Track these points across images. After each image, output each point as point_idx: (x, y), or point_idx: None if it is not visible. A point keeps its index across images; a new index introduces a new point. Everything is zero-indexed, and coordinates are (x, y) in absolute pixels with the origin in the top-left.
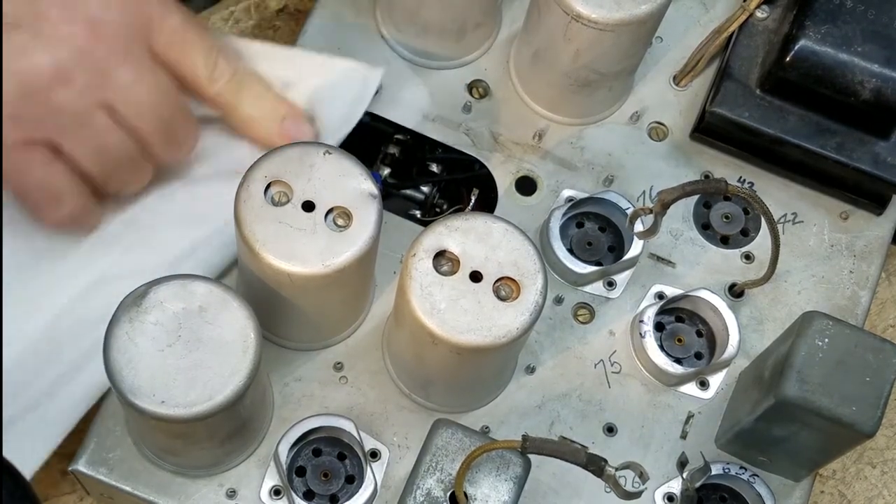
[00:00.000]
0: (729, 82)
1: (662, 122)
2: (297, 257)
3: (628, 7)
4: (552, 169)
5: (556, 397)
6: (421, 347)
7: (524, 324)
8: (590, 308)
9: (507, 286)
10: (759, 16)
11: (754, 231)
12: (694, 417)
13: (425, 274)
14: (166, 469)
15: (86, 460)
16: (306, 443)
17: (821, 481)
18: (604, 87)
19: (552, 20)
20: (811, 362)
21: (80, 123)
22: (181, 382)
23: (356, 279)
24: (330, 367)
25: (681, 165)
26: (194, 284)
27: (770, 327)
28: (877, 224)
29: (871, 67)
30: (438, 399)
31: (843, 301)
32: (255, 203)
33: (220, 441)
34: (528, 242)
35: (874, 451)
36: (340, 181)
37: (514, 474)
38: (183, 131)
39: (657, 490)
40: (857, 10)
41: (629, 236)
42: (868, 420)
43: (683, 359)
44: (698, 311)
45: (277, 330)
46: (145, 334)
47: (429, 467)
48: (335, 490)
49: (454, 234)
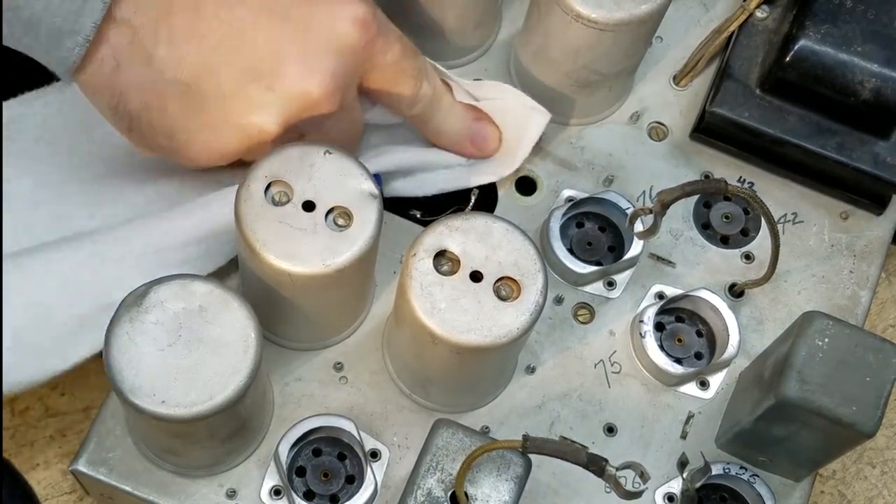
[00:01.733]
0: (729, 82)
1: (662, 122)
2: (297, 257)
3: (628, 7)
4: (552, 169)
5: (557, 397)
6: (421, 347)
7: (525, 324)
8: (590, 308)
9: (508, 286)
10: (758, 15)
11: (754, 231)
12: (694, 417)
13: (426, 274)
14: (166, 469)
15: (86, 460)
16: (306, 443)
17: (821, 481)
18: (604, 87)
19: (552, 20)
20: (811, 362)
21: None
22: (181, 382)
23: (356, 279)
24: (330, 367)
25: (681, 165)
26: (195, 284)
27: (770, 327)
28: (877, 224)
29: (871, 67)
30: (438, 399)
31: (844, 301)
32: (255, 203)
33: (220, 441)
34: (529, 242)
35: (874, 451)
36: (341, 181)
37: (515, 474)
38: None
39: (657, 490)
40: (856, 9)
41: (629, 236)
42: (868, 420)
43: (683, 359)
44: (698, 311)
45: (277, 330)
46: (146, 334)
47: (429, 467)
48: (335, 490)
49: (454, 234)
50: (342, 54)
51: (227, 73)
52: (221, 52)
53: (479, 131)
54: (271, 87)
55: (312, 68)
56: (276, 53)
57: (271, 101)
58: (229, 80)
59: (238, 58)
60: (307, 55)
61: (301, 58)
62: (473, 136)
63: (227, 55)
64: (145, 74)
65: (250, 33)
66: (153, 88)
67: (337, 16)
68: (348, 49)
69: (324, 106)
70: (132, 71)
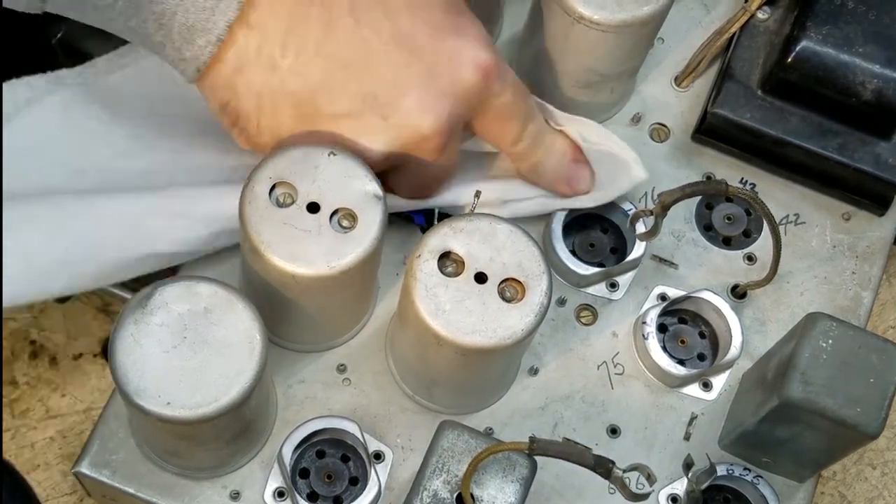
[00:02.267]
0: (730, 83)
1: (664, 124)
2: (301, 258)
3: (630, 8)
4: None
5: (560, 399)
6: (425, 349)
7: (529, 325)
8: (592, 310)
9: (512, 287)
10: (760, 17)
11: (756, 232)
12: (697, 419)
13: (430, 275)
14: (170, 471)
15: (88, 462)
16: (310, 444)
17: (821, 482)
18: (605, 89)
19: (554, 22)
20: (815, 363)
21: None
22: (186, 384)
23: (360, 280)
24: (333, 369)
25: (682, 167)
26: (199, 286)
27: (773, 328)
28: (879, 225)
29: (872, 68)
30: (442, 400)
31: (846, 302)
32: (259, 204)
33: (224, 442)
34: (533, 244)
35: (875, 452)
36: (345, 182)
37: (521, 476)
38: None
39: (661, 491)
40: (858, 10)
41: (631, 238)
42: (872, 421)
43: (686, 360)
44: (701, 312)
45: (281, 331)
46: (151, 336)
47: (435, 469)
48: (339, 492)
49: (459, 236)
50: (460, 98)
51: (346, 93)
52: (345, 73)
53: (577, 173)
54: (386, 116)
55: (430, 107)
56: (397, 85)
57: (383, 130)
58: (347, 101)
59: (360, 82)
60: (427, 92)
61: (421, 94)
62: (570, 178)
63: (351, 77)
64: (266, 81)
65: (376, 60)
66: (271, 95)
67: (462, 58)
68: (467, 94)
69: (430, 145)
70: (254, 75)
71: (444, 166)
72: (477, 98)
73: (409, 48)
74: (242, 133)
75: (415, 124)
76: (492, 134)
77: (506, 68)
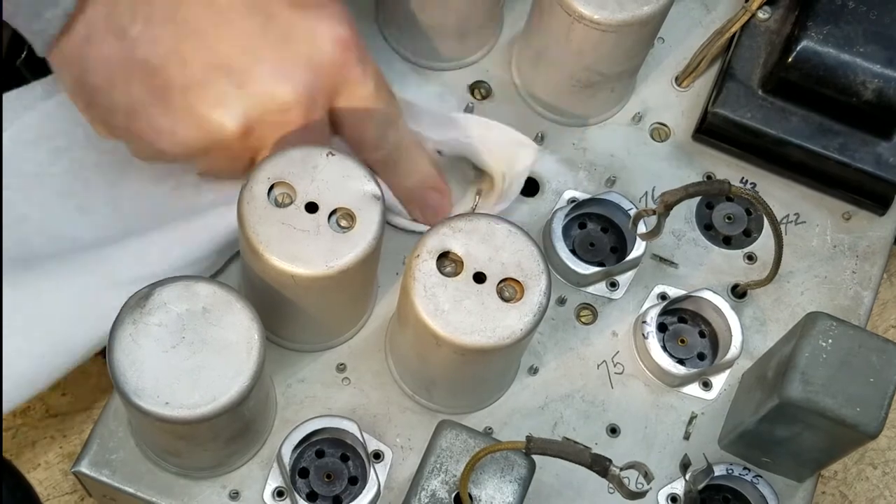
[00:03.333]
0: (731, 83)
1: (664, 123)
2: (300, 259)
3: (631, 8)
4: (555, 170)
5: (559, 398)
6: (424, 349)
7: (528, 325)
8: (592, 309)
9: (511, 287)
10: (760, 16)
11: (757, 232)
12: (697, 418)
13: (429, 275)
14: (169, 470)
15: (88, 462)
16: (309, 444)
17: (822, 482)
18: (606, 88)
19: (554, 21)
20: (815, 363)
21: (235, 170)
22: (185, 384)
23: (359, 280)
24: (333, 369)
25: (683, 166)
26: (198, 286)
27: (773, 328)
28: (879, 224)
29: (873, 68)
30: (441, 400)
31: (846, 301)
32: (258, 204)
33: (223, 442)
34: (532, 243)
35: (875, 451)
36: (343, 182)
37: (519, 475)
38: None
39: (660, 491)
40: (858, 10)
41: (631, 237)
42: (872, 421)
43: (686, 359)
44: (701, 311)
45: (280, 331)
46: (149, 336)
47: (433, 468)
48: (338, 491)
49: (458, 236)
50: (317, 69)
51: (198, 62)
52: (197, 40)
53: (432, 202)
54: (240, 84)
55: (285, 75)
56: (251, 53)
57: (237, 98)
58: (199, 69)
59: (212, 49)
60: (283, 62)
61: (276, 63)
62: (425, 206)
63: (202, 44)
64: (116, 50)
65: (230, 28)
66: (121, 65)
67: (320, 30)
68: (324, 66)
69: (290, 114)
70: (103, 45)
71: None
72: (336, 76)
73: (265, 17)
74: (98, 116)
75: (270, 92)
76: (351, 132)
77: (369, 59)
